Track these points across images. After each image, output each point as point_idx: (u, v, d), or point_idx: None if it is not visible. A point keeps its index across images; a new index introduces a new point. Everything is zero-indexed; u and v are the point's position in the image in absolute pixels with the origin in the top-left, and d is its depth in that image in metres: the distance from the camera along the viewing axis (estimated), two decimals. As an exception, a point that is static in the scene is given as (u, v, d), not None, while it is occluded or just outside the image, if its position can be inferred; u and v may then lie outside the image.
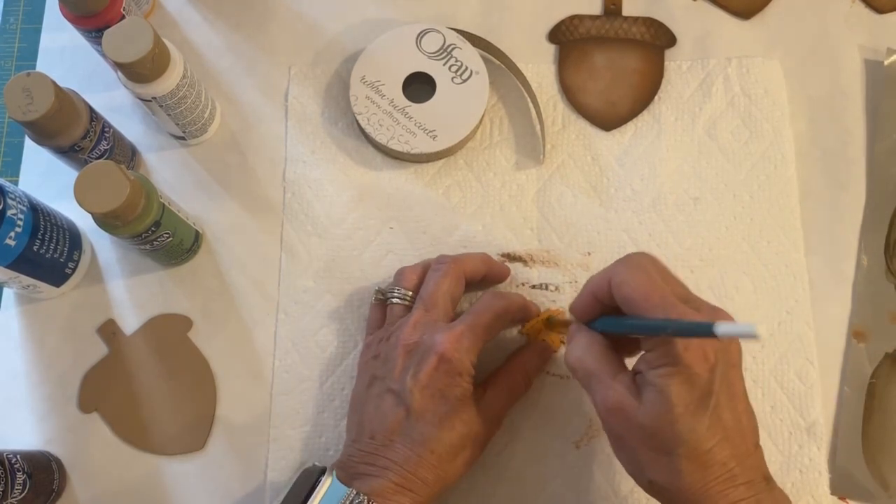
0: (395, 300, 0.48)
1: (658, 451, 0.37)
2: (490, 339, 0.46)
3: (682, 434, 0.36)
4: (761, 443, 0.49)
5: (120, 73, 0.48)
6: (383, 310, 0.50)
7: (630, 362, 0.40)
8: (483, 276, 0.50)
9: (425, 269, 0.49)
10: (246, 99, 0.57)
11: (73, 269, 0.52)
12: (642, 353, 0.38)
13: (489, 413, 0.45)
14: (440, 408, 0.43)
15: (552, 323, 0.49)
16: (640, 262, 0.39)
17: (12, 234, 0.46)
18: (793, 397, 0.50)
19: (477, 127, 0.55)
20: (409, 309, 0.48)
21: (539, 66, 0.57)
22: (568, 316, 0.51)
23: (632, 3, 0.59)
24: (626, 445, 0.39)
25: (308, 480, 0.42)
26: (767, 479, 0.39)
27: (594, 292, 0.40)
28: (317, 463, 0.44)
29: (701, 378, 0.35)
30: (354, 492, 0.40)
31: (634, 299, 0.37)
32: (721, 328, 0.32)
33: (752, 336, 0.31)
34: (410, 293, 0.48)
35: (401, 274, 0.49)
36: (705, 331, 0.33)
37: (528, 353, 0.49)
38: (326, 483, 0.41)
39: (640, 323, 0.37)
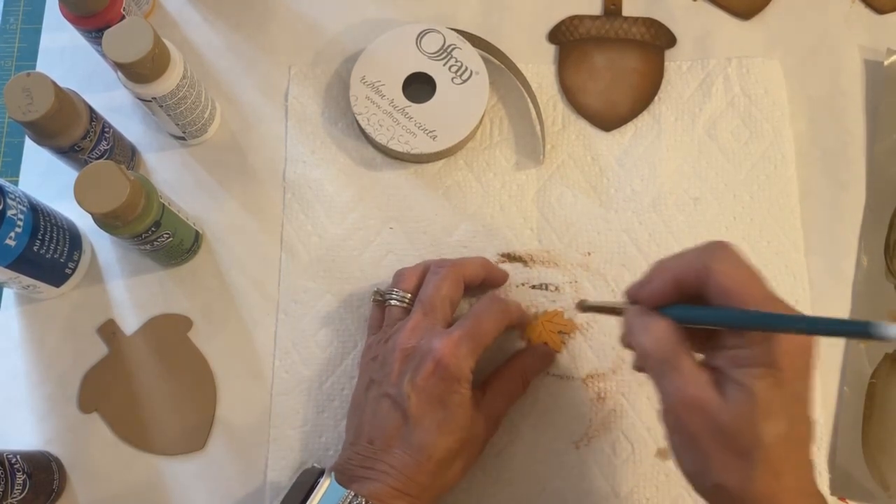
0: (393, 302, 0.48)
1: (734, 452, 0.35)
2: (489, 344, 0.45)
3: (765, 438, 0.34)
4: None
5: (120, 73, 0.48)
6: (382, 311, 0.50)
7: None
8: (482, 280, 0.50)
9: (425, 271, 0.49)
10: (246, 99, 0.57)
11: (73, 270, 0.52)
12: (722, 350, 0.36)
13: (487, 416, 0.45)
14: (438, 414, 0.43)
15: (553, 323, 0.49)
16: (736, 252, 0.36)
17: (12, 234, 0.46)
18: (793, 397, 0.50)
19: (477, 127, 0.55)
20: (407, 311, 0.48)
21: (539, 66, 0.57)
22: (566, 316, 0.51)
23: (632, 3, 0.59)
24: (696, 444, 0.36)
25: (307, 481, 0.42)
26: (820, 494, 0.37)
27: (678, 277, 0.37)
28: (316, 464, 0.44)
29: (791, 385, 0.34)
30: (353, 494, 0.40)
31: (735, 289, 0.35)
32: (889, 329, 0.29)
33: None
34: (409, 295, 0.48)
35: (400, 275, 0.49)
36: (860, 330, 0.30)
37: (528, 356, 0.49)
38: (325, 484, 0.41)
39: (742, 316, 0.34)
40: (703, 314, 0.36)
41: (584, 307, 0.45)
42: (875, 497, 0.49)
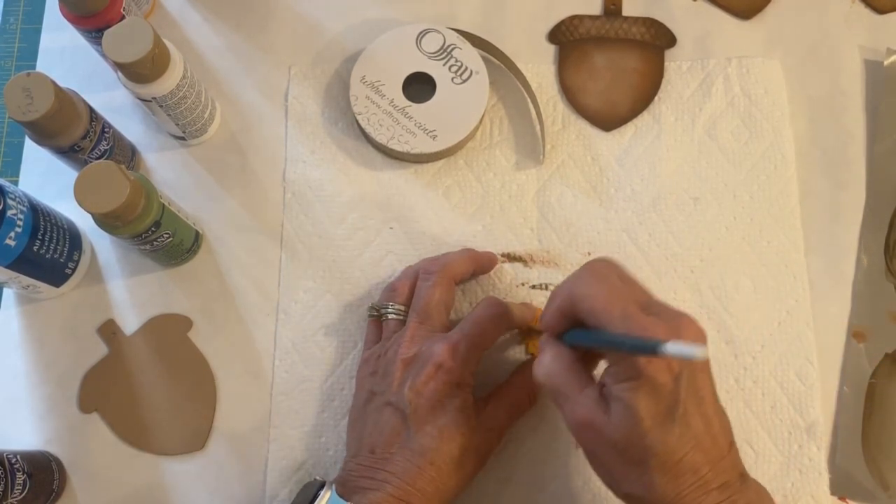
0: (390, 315, 0.48)
1: (630, 464, 0.37)
2: (488, 346, 0.45)
3: (653, 446, 0.35)
4: (761, 442, 0.49)
5: (120, 73, 0.48)
6: (379, 326, 0.50)
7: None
8: (472, 272, 0.50)
9: (414, 279, 0.49)
10: (246, 99, 0.57)
11: (73, 269, 0.52)
12: (606, 367, 0.38)
13: (490, 427, 0.45)
14: (439, 419, 0.43)
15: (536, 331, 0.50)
16: (600, 271, 0.38)
17: (12, 234, 0.46)
18: (792, 397, 0.50)
19: (477, 127, 0.55)
20: (403, 323, 0.48)
21: (539, 66, 0.57)
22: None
23: (632, 3, 0.59)
24: (599, 460, 0.38)
25: (307, 494, 0.42)
26: (743, 476, 0.38)
27: (560, 307, 0.39)
28: (317, 477, 0.44)
29: (666, 388, 0.35)
30: None
31: (596, 311, 0.36)
32: (667, 348, 0.32)
33: (696, 357, 0.31)
34: (404, 307, 0.48)
35: (392, 288, 0.49)
36: (650, 349, 0.32)
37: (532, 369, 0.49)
38: (325, 496, 0.41)
39: (601, 338, 0.37)
40: (580, 337, 0.39)
41: (529, 334, 0.50)
42: (875, 497, 0.49)
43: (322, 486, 0.42)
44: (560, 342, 0.40)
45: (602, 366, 0.40)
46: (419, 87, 0.55)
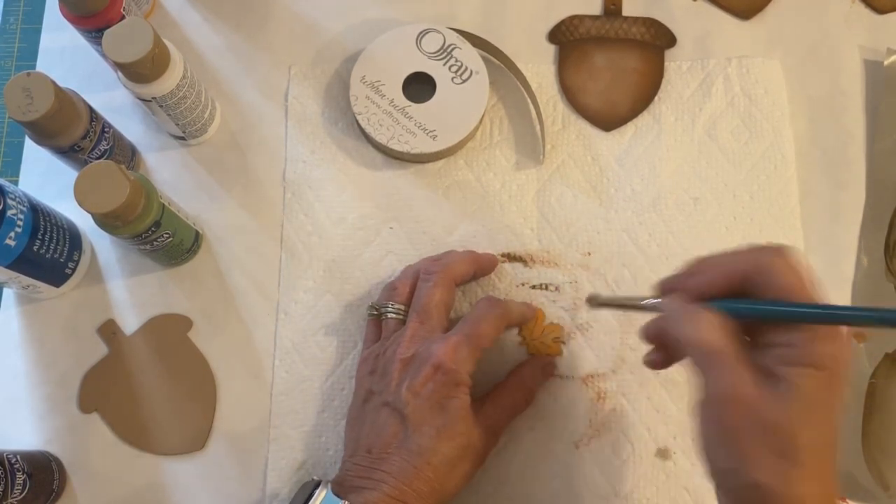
0: (390, 315, 0.48)
1: (775, 451, 0.34)
2: (487, 346, 0.45)
3: (807, 439, 0.33)
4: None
5: (120, 73, 0.48)
6: (378, 325, 0.50)
7: None
8: (472, 274, 0.50)
9: (415, 279, 0.49)
10: (246, 99, 0.57)
11: (73, 269, 0.52)
12: (768, 347, 0.36)
13: (487, 426, 0.45)
14: (437, 419, 0.43)
15: (545, 335, 0.50)
16: (799, 257, 0.36)
17: (12, 234, 0.46)
18: (793, 397, 0.50)
19: (477, 127, 0.55)
20: (403, 322, 0.48)
21: (539, 66, 0.57)
22: (552, 321, 0.51)
23: (632, 3, 0.59)
24: (735, 440, 0.35)
25: (303, 494, 0.42)
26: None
27: (731, 272, 0.36)
28: (315, 477, 0.44)
29: (835, 388, 0.34)
30: None
31: (793, 288, 0.35)
32: None
33: None
34: (404, 307, 0.48)
35: (392, 288, 0.49)
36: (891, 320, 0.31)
37: (530, 369, 0.49)
38: (321, 495, 0.41)
39: (803, 308, 0.34)
40: (760, 308, 0.36)
41: (597, 302, 0.44)
42: (875, 497, 0.49)
43: (318, 485, 0.42)
44: (712, 307, 0.37)
45: None
46: (419, 87, 0.55)
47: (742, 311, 0.36)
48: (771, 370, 0.34)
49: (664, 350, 0.41)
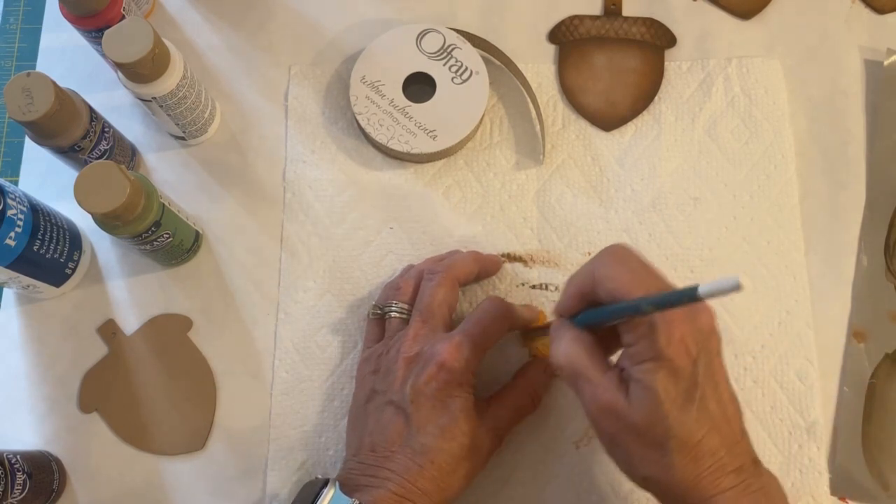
0: (393, 314, 0.48)
1: (649, 446, 0.37)
2: (490, 346, 0.45)
3: (673, 428, 0.36)
4: (761, 442, 0.49)
5: (120, 73, 0.48)
6: (380, 325, 0.49)
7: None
8: (476, 275, 0.50)
9: (418, 278, 0.49)
10: (246, 99, 0.57)
11: (73, 269, 0.52)
12: (624, 349, 0.38)
13: (491, 427, 0.45)
14: (441, 418, 0.43)
15: (547, 337, 0.50)
16: (622, 256, 0.38)
17: (12, 234, 0.46)
18: (793, 397, 0.50)
19: (477, 127, 0.55)
20: (406, 322, 0.48)
21: (539, 66, 0.57)
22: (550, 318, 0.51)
23: (632, 3, 0.59)
24: (618, 444, 0.38)
25: (310, 492, 0.42)
26: (755, 462, 0.39)
27: (580, 290, 0.39)
28: (319, 476, 0.44)
29: (685, 370, 0.35)
30: (357, 502, 0.40)
31: (620, 292, 0.37)
32: (703, 288, 0.31)
33: (736, 288, 0.30)
34: (408, 306, 0.48)
35: (396, 287, 0.49)
36: (689, 296, 0.32)
37: (535, 372, 0.49)
38: (329, 494, 0.41)
39: (619, 307, 0.37)
40: (592, 315, 0.39)
41: (527, 334, 0.50)
42: (875, 497, 0.49)
43: (325, 484, 0.42)
44: (576, 326, 0.40)
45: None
46: (419, 87, 0.55)
47: (584, 321, 0.40)
48: (628, 371, 0.37)
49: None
